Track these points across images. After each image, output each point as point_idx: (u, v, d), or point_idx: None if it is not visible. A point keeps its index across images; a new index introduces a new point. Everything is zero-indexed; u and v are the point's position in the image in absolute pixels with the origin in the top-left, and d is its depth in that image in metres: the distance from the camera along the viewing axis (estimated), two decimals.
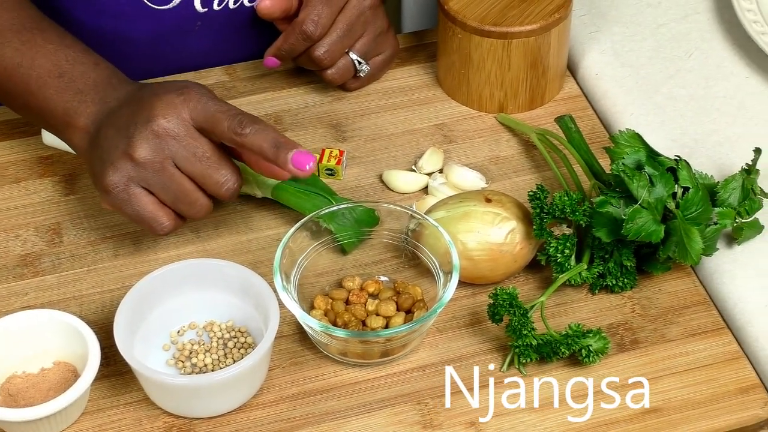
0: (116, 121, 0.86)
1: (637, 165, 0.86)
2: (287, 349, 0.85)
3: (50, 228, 0.93)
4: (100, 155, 0.85)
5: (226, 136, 0.83)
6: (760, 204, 0.89)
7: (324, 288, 0.88)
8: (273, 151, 0.82)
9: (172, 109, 0.84)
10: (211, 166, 0.84)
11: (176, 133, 0.84)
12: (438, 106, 1.01)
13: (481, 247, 0.86)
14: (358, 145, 0.98)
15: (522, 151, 0.98)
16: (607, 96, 1.01)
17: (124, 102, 0.87)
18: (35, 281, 0.89)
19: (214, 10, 1.01)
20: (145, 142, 0.84)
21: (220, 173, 0.85)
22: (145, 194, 0.85)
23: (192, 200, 0.85)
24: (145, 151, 0.83)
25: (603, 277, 0.87)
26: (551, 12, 0.97)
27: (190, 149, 0.84)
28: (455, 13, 0.97)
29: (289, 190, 0.91)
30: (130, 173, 0.84)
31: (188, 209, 0.86)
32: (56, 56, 0.89)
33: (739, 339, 0.86)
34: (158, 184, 0.84)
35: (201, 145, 0.84)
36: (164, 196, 0.85)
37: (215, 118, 0.83)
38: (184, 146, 0.84)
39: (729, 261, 0.89)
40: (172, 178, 0.84)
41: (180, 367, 0.84)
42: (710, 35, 1.05)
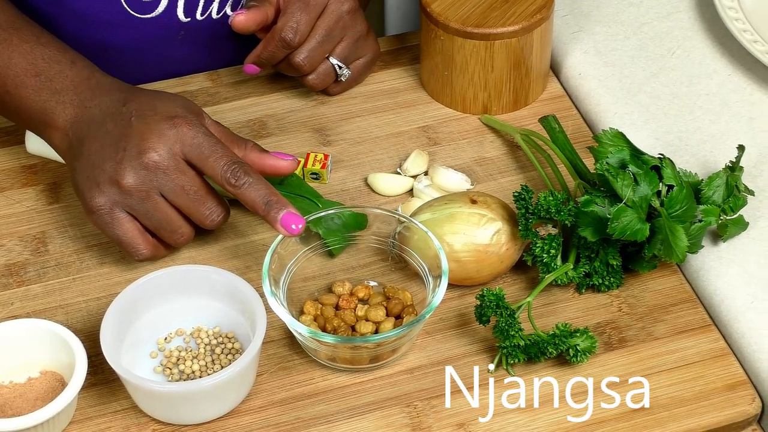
0: (102, 137, 0.86)
1: (621, 164, 0.86)
2: (275, 354, 0.85)
3: (35, 237, 0.92)
4: (87, 172, 0.86)
5: (218, 181, 0.85)
6: (744, 201, 0.89)
7: (313, 293, 0.88)
8: (264, 209, 0.84)
9: (163, 143, 0.85)
10: (198, 200, 0.86)
11: (166, 167, 0.85)
12: (422, 108, 1.01)
13: (467, 249, 0.86)
14: (343, 149, 0.98)
15: (507, 152, 0.98)
16: (591, 96, 1.01)
17: (108, 114, 0.87)
18: (20, 291, 0.89)
19: (198, 20, 1.01)
20: (133, 172, 0.85)
21: (206, 206, 0.86)
22: (129, 220, 0.86)
23: (175, 228, 0.87)
24: (133, 180, 0.85)
25: (589, 277, 0.88)
26: (533, 13, 0.97)
27: (178, 182, 0.85)
28: (437, 15, 0.97)
29: None
30: (116, 198, 0.85)
31: (170, 236, 0.87)
32: (32, 55, 0.90)
33: (725, 335, 0.86)
34: (143, 211, 0.86)
35: (189, 179, 0.86)
36: (148, 223, 0.86)
37: (208, 162, 0.85)
38: (172, 179, 0.85)
39: (714, 258, 0.89)
40: (157, 206, 0.85)
41: (168, 374, 0.84)
42: (692, 33, 1.05)
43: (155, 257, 0.88)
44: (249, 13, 0.95)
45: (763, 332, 0.84)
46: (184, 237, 0.88)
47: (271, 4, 0.97)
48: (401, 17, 1.32)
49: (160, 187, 0.85)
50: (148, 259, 0.88)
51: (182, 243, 0.88)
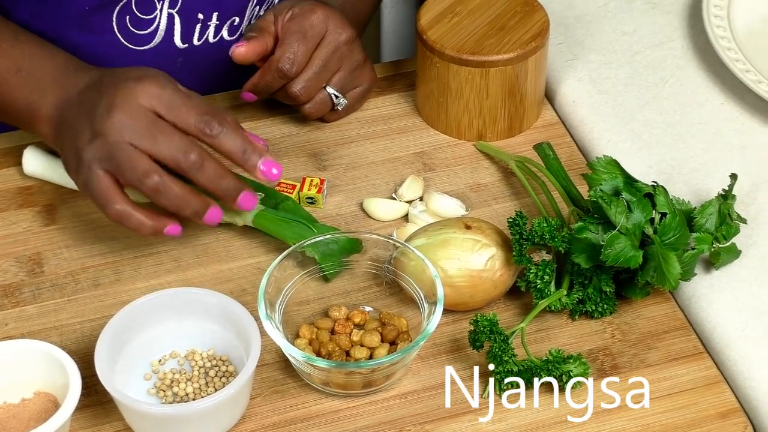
0: (79, 107, 0.88)
1: (614, 191, 0.86)
2: (269, 378, 0.85)
3: (30, 258, 0.92)
4: (69, 142, 0.87)
5: (192, 132, 0.85)
6: (736, 229, 0.90)
7: (309, 317, 0.88)
8: (241, 157, 0.85)
9: (132, 97, 0.85)
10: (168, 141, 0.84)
11: (134, 118, 0.84)
12: (417, 134, 1.02)
13: (462, 274, 0.86)
14: (339, 174, 0.99)
15: (501, 179, 0.99)
16: (585, 123, 1.02)
17: (85, 88, 0.89)
18: (15, 311, 0.89)
19: (195, 45, 1.02)
20: (104, 126, 0.84)
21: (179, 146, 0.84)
22: (104, 174, 0.85)
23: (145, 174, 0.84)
24: (104, 135, 0.85)
25: (583, 303, 0.88)
26: (528, 41, 0.98)
27: (147, 129, 0.85)
28: (433, 42, 0.98)
29: (269, 217, 0.91)
30: (92, 155, 0.85)
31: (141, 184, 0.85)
32: (12, 53, 0.91)
33: (718, 363, 0.86)
34: (117, 165, 0.85)
35: (159, 127, 0.85)
36: (123, 177, 0.85)
37: (180, 114, 0.85)
38: (140, 128, 0.85)
39: (707, 286, 0.89)
40: (130, 157, 0.85)
41: (161, 396, 0.84)
42: (685, 62, 1.06)
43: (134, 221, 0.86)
44: (249, 45, 0.96)
45: (755, 360, 0.85)
46: (150, 177, 0.85)
47: (270, 34, 0.98)
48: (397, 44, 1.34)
49: (130, 136, 0.85)
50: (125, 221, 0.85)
51: (151, 184, 0.84)
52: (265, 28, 0.98)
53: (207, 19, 1.01)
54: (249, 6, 1.03)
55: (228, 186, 0.86)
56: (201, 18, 1.01)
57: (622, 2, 1.11)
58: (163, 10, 0.99)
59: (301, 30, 0.97)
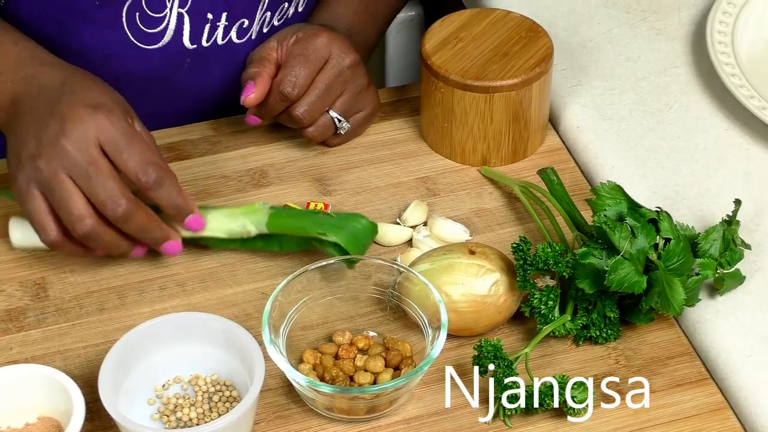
0: (32, 114, 0.89)
1: (618, 217, 0.86)
2: (273, 403, 0.85)
3: (35, 283, 0.93)
4: (14, 146, 0.88)
5: (130, 177, 0.87)
6: (741, 255, 0.90)
7: (313, 342, 0.88)
8: (172, 213, 0.89)
9: (81, 128, 0.86)
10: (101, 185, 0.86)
11: (77, 151, 0.86)
12: (421, 159, 1.02)
13: (466, 299, 0.86)
14: (343, 199, 0.99)
15: (505, 204, 0.99)
16: (589, 148, 1.02)
17: (45, 91, 0.89)
18: (20, 336, 0.89)
19: (203, 47, 1.02)
20: (48, 151, 0.86)
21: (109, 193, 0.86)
22: (41, 198, 0.87)
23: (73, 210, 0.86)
24: (46, 159, 0.86)
25: (587, 328, 0.88)
26: (532, 66, 0.98)
27: (85, 166, 0.86)
28: (438, 67, 0.98)
29: (284, 214, 0.91)
30: (31, 174, 0.87)
31: (68, 218, 0.87)
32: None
33: (723, 389, 0.86)
34: (49, 190, 0.87)
35: (98, 165, 0.86)
36: (53, 203, 0.87)
37: (122, 155, 0.87)
38: (80, 163, 0.86)
39: (711, 311, 0.89)
40: (63, 187, 0.86)
41: (165, 422, 0.84)
42: (689, 88, 1.06)
43: (67, 250, 0.88)
44: (257, 88, 0.97)
45: (761, 386, 0.84)
46: (82, 223, 0.86)
47: (271, 62, 0.98)
48: (402, 69, 1.34)
49: (69, 169, 0.86)
50: (58, 246, 0.88)
51: (81, 231, 0.87)
52: (266, 56, 0.99)
53: (216, 19, 1.01)
54: (259, 9, 1.03)
55: (154, 236, 0.89)
56: (210, 18, 1.01)
57: (626, 28, 1.12)
58: (173, 8, 0.99)
59: (304, 53, 0.97)
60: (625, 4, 1.13)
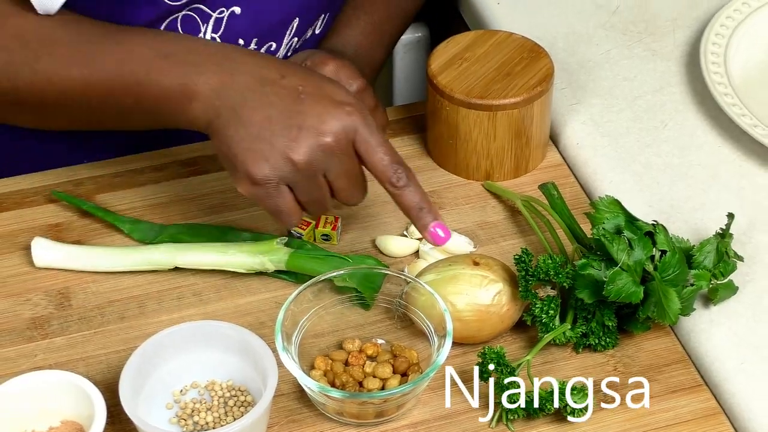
0: (266, 109, 0.84)
1: (616, 229, 0.87)
2: (285, 407, 0.86)
3: (59, 292, 0.94)
4: (249, 144, 0.83)
5: (380, 178, 0.86)
6: (734, 266, 0.91)
7: (324, 348, 0.89)
8: (417, 213, 0.86)
9: (341, 128, 0.84)
10: (355, 185, 0.87)
11: (340, 151, 0.84)
12: (428, 174, 1.03)
13: (470, 308, 0.88)
14: (353, 212, 1.00)
15: (508, 217, 1.00)
16: (588, 164, 1.03)
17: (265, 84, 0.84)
18: (44, 343, 0.91)
19: None
20: (309, 151, 0.83)
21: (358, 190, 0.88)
22: (289, 192, 0.85)
23: (325, 205, 0.87)
24: (307, 159, 0.84)
25: (586, 337, 0.89)
26: (534, 85, 1.00)
27: (345, 167, 0.85)
28: (443, 87, 1.00)
29: (303, 256, 0.93)
30: (285, 174, 0.84)
31: (317, 210, 0.88)
32: (153, 43, 0.87)
33: (716, 395, 0.87)
34: (304, 188, 0.85)
35: (355, 165, 0.86)
36: (303, 197, 0.86)
37: (376, 155, 0.85)
38: (341, 163, 0.85)
39: (705, 321, 0.90)
40: (319, 185, 0.86)
41: (183, 425, 0.85)
42: (684, 107, 1.07)
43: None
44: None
45: (753, 393, 0.86)
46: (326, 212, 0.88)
47: None
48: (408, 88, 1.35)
49: (327, 168, 0.84)
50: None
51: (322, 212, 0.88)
52: None
53: (246, 44, 1.01)
54: (287, 35, 1.03)
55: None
56: (241, 43, 1.00)
57: (623, 49, 1.12)
58: (207, 33, 0.98)
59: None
60: (623, 26, 1.14)
